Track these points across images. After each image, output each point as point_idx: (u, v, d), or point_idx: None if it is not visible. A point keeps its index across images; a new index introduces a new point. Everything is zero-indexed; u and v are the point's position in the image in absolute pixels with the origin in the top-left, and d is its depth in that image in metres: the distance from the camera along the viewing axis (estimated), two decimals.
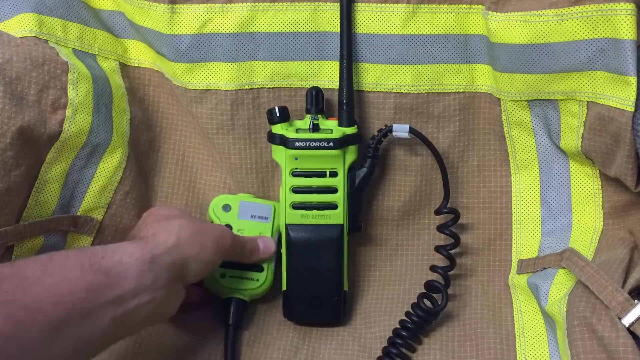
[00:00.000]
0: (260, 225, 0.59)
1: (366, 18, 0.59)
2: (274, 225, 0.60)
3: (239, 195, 0.61)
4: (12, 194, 0.52)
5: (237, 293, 0.58)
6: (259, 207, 0.60)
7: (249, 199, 0.61)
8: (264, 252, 0.58)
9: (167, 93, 0.66)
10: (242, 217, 0.60)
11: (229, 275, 0.58)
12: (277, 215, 0.60)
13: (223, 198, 0.61)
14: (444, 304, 0.56)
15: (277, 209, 0.60)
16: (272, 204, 0.61)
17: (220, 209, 0.60)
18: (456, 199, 0.62)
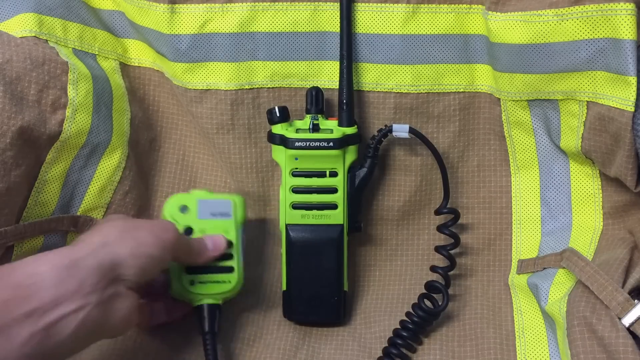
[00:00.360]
0: (223, 223, 0.56)
1: (366, 18, 0.59)
2: (237, 221, 0.56)
3: (194, 193, 0.57)
4: (12, 194, 0.52)
5: (209, 298, 0.55)
6: (218, 204, 0.56)
7: (205, 196, 0.57)
8: (213, 250, 0.54)
9: (167, 93, 0.66)
10: (202, 217, 0.56)
11: (199, 281, 0.54)
12: (237, 210, 0.57)
13: (178, 198, 0.56)
14: (445, 304, 0.56)
15: (236, 203, 0.57)
16: (230, 198, 0.57)
17: (177, 211, 0.56)
18: (456, 199, 0.62)
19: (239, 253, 0.56)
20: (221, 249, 0.54)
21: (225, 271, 0.55)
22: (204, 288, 0.54)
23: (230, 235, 0.55)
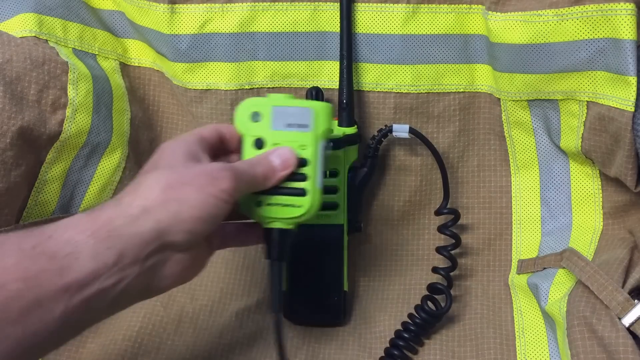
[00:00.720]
0: (299, 136, 0.47)
1: (366, 18, 0.59)
2: (317, 133, 0.47)
3: (271, 97, 0.48)
4: (12, 194, 0.52)
5: (278, 222, 0.47)
6: (297, 113, 0.47)
7: (282, 101, 0.48)
8: (282, 167, 0.45)
9: (167, 93, 0.66)
10: (276, 127, 0.47)
11: (266, 202, 0.46)
12: (318, 120, 0.47)
13: (251, 103, 0.47)
14: (448, 306, 0.56)
15: (318, 112, 0.47)
16: (310, 105, 0.48)
17: (249, 119, 0.47)
18: (456, 199, 0.62)
19: (315, 173, 0.47)
20: (291, 165, 0.46)
21: (296, 194, 0.47)
22: (271, 211, 0.47)
23: (307, 152, 0.47)
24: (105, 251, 0.36)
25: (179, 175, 0.40)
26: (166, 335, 0.58)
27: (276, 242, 0.47)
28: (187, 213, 0.39)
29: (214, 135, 0.46)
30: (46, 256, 0.35)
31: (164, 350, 0.57)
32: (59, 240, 0.36)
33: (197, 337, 0.58)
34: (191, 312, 0.59)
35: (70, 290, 0.35)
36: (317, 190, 0.47)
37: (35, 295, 0.34)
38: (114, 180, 0.61)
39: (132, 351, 0.56)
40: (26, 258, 0.35)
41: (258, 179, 0.44)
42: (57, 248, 0.36)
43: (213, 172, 0.41)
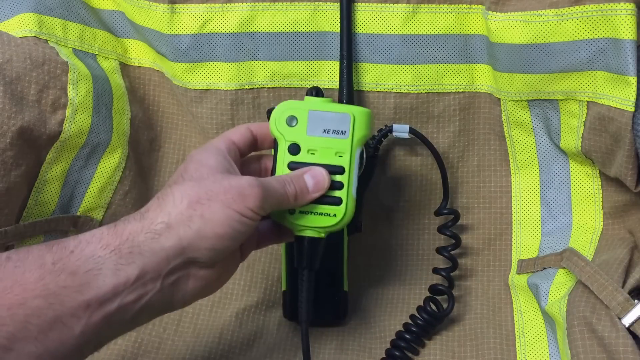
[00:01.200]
0: (336, 142, 0.45)
1: (366, 18, 0.59)
2: (354, 140, 0.46)
3: (308, 101, 0.47)
4: (12, 194, 0.52)
5: (310, 231, 0.46)
6: (334, 118, 0.46)
7: (320, 105, 0.46)
8: (314, 190, 0.45)
9: (167, 93, 0.66)
10: (311, 133, 0.45)
11: (299, 210, 0.45)
12: (356, 126, 0.46)
13: (287, 107, 0.46)
14: (451, 307, 0.56)
15: (356, 118, 0.46)
16: (348, 110, 0.46)
17: (284, 122, 0.45)
18: (456, 199, 0.62)
19: (352, 181, 0.46)
20: (323, 188, 0.45)
21: (331, 203, 0.46)
22: (304, 219, 0.46)
23: (343, 159, 0.46)
24: (126, 267, 0.36)
25: (205, 189, 0.39)
26: (166, 335, 0.58)
27: (307, 251, 0.46)
28: (210, 230, 0.38)
29: (246, 137, 0.46)
30: (67, 272, 0.35)
31: (164, 350, 0.57)
32: (80, 255, 0.36)
33: (197, 337, 0.58)
34: (191, 312, 0.60)
35: (91, 307, 0.35)
36: (352, 199, 0.46)
37: (56, 312, 0.34)
38: (114, 180, 0.61)
39: (132, 351, 0.56)
40: (47, 274, 0.34)
41: (288, 199, 0.43)
42: (79, 264, 0.35)
43: (241, 188, 0.40)
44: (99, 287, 0.35)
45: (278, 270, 0.62)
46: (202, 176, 0.41)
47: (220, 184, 0.40)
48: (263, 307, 0.61)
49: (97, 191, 0.59)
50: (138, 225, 0.38)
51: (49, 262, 0.35)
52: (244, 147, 0.46)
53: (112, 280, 0.36)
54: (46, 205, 0.56)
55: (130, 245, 0.37)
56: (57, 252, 0.35)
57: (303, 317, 0.47)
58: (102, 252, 0.36)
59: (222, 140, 0.45)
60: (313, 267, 0.47)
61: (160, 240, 0.37)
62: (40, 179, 0.55)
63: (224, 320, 0.59)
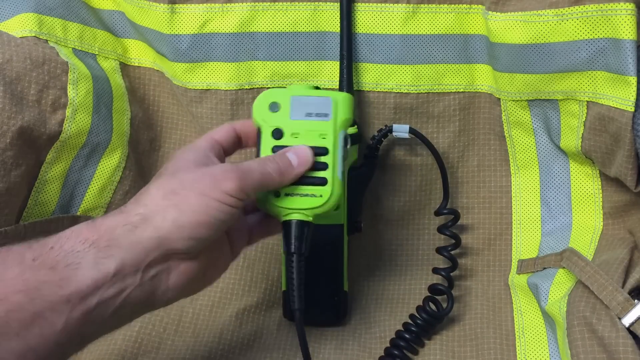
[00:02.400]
0: (319, 124, 0.46)
1: (366, 18, 0.59)
2: (337, 122, 0.46)
3: (290, 88, 0.47)
4: (12, 194, 0.52)
5: (297, 213, 0.45)
6: (316, 102, 0.46)
7: (301, 91, 0.47)
8: (299, 165, 0.44)
9: (167, 93, 0.66)
10: (295, 117, 0.46)
11: (285, 192, 0.45)
12: (338, 109, 0.46)
13: (269, 94, 0.46)
14: (450, 307, 0.56)
15: (337, 102, 0.46)
16: (329, 95, 0.47)
17: (267, 110, 0.46)
18: (456, 199, 0.62)
19: (336, 162, 0.46)
20: (308, 162, 0.44)
21: (316, 183, 0.45)
22: (290, 202, 0.45)
23: (327, 141, 0.46)
24: (105, 261, 0.36)
25: (179, 180, 0.39)
26: (166, 335, 0.58)
27: (295, 235, 0.45)
28: (187, 219, 0.38)
29: (229, 135, 0.46)
30: (47, 267, 0.35)
31: (164, 350, 0.57)
32: (59, 250, 0.36)
33: (197, 337, 0.58)
34: (191, 312, 0.59)
35: (72, 302, 0.35)
36: (338, 180, 0.46)
37: (36, 307, 0.34)
38: (114, 180, 0.61)
39: (132, 351, 0.56)
40: (27, 270, 0.34)
41: (272, 176, 0.42)
42: (59, 259, 0.35)
43: (215, 174, 0.40)
44: (79, 281, 0.35)
45: (278, 270, 0.62)
46: (177, 170, 0.41)
47: (194, 173, 0.40)
48: (263, 307, 0.61)
49: (97, 191, 0.59)
50: (116, 219, 0.38)
51: (29, 259, 0.35)
52: (228, 146, 0.46)
53: (91, 273, 0.36)
54: (46, 206, 0.56)
55: (108, 238, 0.37)
56: (36, 249, 0.36)
57: (295, 304, 0.46)
58: (81, 247, 0.36)
59: (204, 139, 0.45)
60: (302, 252, 0.46)
61: (136, 232, 0.37)
62: (40, 179, 0.55)
63: (224, 320, 0.59)
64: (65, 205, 0.58)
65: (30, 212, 0.55)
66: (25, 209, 0.54)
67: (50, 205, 0.56)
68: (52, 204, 0.56)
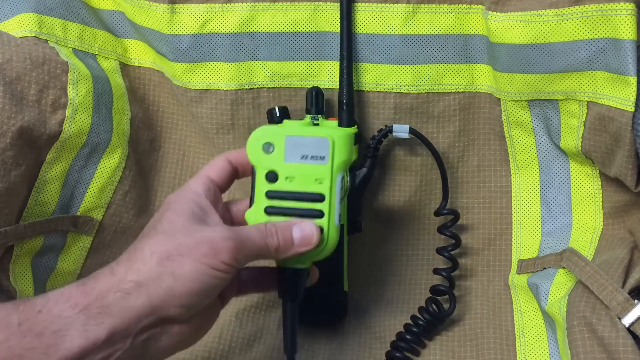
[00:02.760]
0: (315, 169, 0.43)
1: (366, 18, 0.58)
2: (334, 165, 0.43)
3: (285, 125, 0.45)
4: (12, 194, 0.52)
5: (293, 261, 0.44)
6: (312, 143, 0.43)
7: (297, 130, 0.44)
8: (300, 245, 0.42)
9: (167, 93, 0.66)
10: (289, 160, 0.43)
11: None
12: (335, 151, 0.44)
13: (262, 133, 0.44)
14: (452, 307, 0.56)
15: (335, 142, 0.44)
16: (326, 135, 0.44)
17: (260, 150, 0.43)
18: (456, 199, 0.62)
19: (333, 208, 0.44)
20: (310, 244, 0.42)
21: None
22: None
23: (323, 186, 0.43)
24: (95, 328, 0.35)
25: (175, 244, 0.38)
26: None
27: (290, 282, 0.45)
28: (182, 287, 0.37)
29: (224, 170, 0.45)
30: (33, 333, 0.34)
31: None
32: (47, 315, 0.35)
33: None
34: None
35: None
36: (334, 227, 0.44)
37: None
38: (114, 180, 0.61)
39: None
40: (12, 335, 0.33)
41: (268, 250, 0.41)
42: (46, 324, 0.34)
43: (213, 242, 0.38)
44: (66, 348, 0.34)
45: None
46: (174, 229, 0.39)
47: (192, 237, 0.39)
48: (263, 307, 0.61)
49: (97, 191, 0.59)
50: (108, 283, 0.37)
51: (15, 323, 0.34)
52: (223, 183, 0.45)
53: (79, 341, 0.34)
54: (46, 206, 0.56)
55: (99, 305, 0.36)
56: (24, 312, 0.34)
57: (288, 349, 0.46)
58: (70, 312, 0.35)
59: (199, 180, 0.43)
60: (296, 299, 0.45)
61: (129, 299, 0.36)
62: (40, 179, 0.55)
63: (224, 320, 0.59)
64: (65, 205, 0.58)
65: (30, 212, 0.55)
66: (25, 209, 0.54)
67: (50, 205, 0.56)
68: (52, 204, 0.56)
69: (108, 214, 0.61)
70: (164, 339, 0.39)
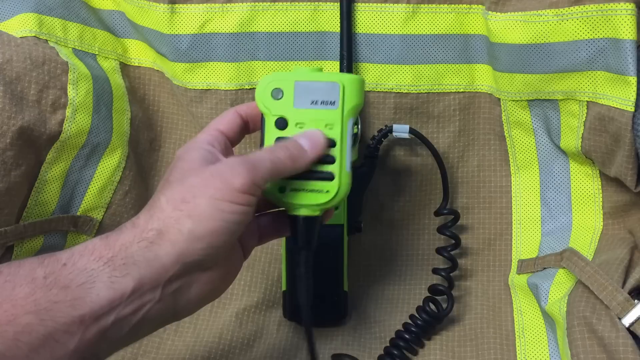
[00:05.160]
0: (325, 113, 0.43)
1: (366, 18, 0.59)
2: (345, 110, 0.43)
3: (294, 72, 0.44)
4: (12, 194, 0.52)
5: (304, 209, 0.43)
6: (322, 88, 0.43)
7: (306, 76, 0.43)
8: (312, 150, 0.41)
9: (167, 93, 0.66)
10: (299, 105, 0.43)
11: (290, 188, 0.43)
12: (346, 96, 0.43)
13: (272, 78, 0.43)
14: (450, 307, 0.56)
15: (345, 87, 0.43)
16: (336, 79, 0.43)
17: (269, 96, 0.43)
18: (456, 199, 0.62)
19: (344, 154, 0.43)
20: (320, 147, 0.41)
21: (323, 178, 0.43)
22: (296, 197, 0.43)
23: (334, 131, 0.43)
24: (122, 279, 0.34)
25: (188, 187, 0.37)
26: (166, 335, 0.58)
27: (303, 230, 0.43)
28: (202, 228, 0.36)
29: (234, 123, 0.44)
30: (59, 286, 0.33)
31: (164, 350, 0.57)
32: (72, 268, 0.34)
33: (197, 337, 0.58)
34: None
35: (85, 322, 0.33)
36: (346, 174, 0.43)
37: (47, 329, 0.32)
38: (114, 180, 0.61)
39: (132, 351, 0.56)
40: (38, 289, 0.33)
41: (283, 162, 0.40)
42: (72, 277, 0.34)
43: (224, 173, 0.37)
44: (93, 301, 0.34)
45: (278, 270, 0.62)
46: (184, 175, 0.38)
47: (202, 176, 0.38)
48: (263, 307, 0.61)
49: (97, 191, 0.59)
50: (130, 235, 0.36)
51: (40, 276, 0.33)
52: (233, 135, 0.44)
53: (106, 293, 0.34)
54: (46, 205, 0.56)
55: (123, 256, 0.35)
56: (48, 266, 0.34)
57: (304, 300, 0.44)
58: (95, 265, 0.34)
59: (207, 132, 0.43)
60: (310, 247, 0.44)
61: (153, 248, 0.36)
62: (40, 179, 0.55)
63: (224, 320, 0.59)
64: (65, 205, 0.58)
65: (30, 212, 0.55)
66: (25, 209, 0.54)
67: (50, 205, 0.56)
68: (52, 204, 0.56)
69: (108, 214, 0.60)
70: (194, 289, 0.38)
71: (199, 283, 0.38)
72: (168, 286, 0.37)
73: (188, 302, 0.39)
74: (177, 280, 0.37)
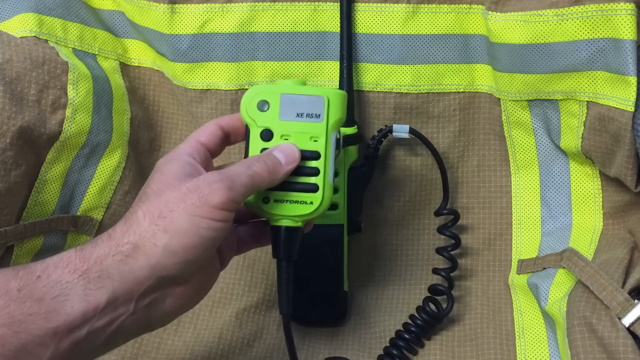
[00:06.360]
0: (310, 126, 0.43)
1: (366, 18, 0.59)
2: (329, 123, 0.44)
3: (280, 83, 0.45)
4: (12, 194, 0.52)
5: (287, 220, 0.44)
6: (307, 102, 0.44)
7: (292, 89, 0.44)
8: (287, 162, 0.42)
9: (167, 93, 0.66)
10: (285, 118, 0.43)
11: (273, 199, 0.43)
12: (330, 109, 0.44)
13: (257, 91, 0.44)
14: (450, 307, 0.56)
15: (330, 101, 0.44)
16: (322, 93, 0.44)
17: (255, 108, 0.43)
18: (456, 199, 0.62)
19: (328, 166, 0.44)
20: (295, 159, 0.42)
21: (307, 190, 0.43)
22: (279, 208, 0.43)
23: (318, 144, 0.44)
24: (96, 292, 0.35)
25: (165, 201, 0.37)
26: (166, 335, 0.58)
27: (284, 241, 0.44)
28: (177, 244, 0.36)
29: (214, 135, 0.44)
30: (33, 299, 0.33)
31: (164, 350, 0.57)
32: (47, 281, 0.34)
33: (197, 337, 0.58)
34: (191, 312, 0.60)
35: (59, 335, 0.33)
36: (329, 186, 0.44)
37: (21, 341, 0.32)
38: (114, 180, 0.61)
39: (132, 351, 0.56)
40: (12, 301, 0.33)
41: (260, 176, 0.40)
42: (45, 290, 0.34)
43: (201, 189, 0.37)
44: (67, 313, 0.34)
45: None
46: (161, 188, 0.39)
47: (179, 191, 0.38)
48: (263, 307, 0.61)
49: (97, 191, 0.59)
50: (106, 247, 0.36)
51: (14, 289, 0.33)
52: (214, 147, 0.44)
53: (80, 306, 0.34)
54: (46, 205, 0.56)
55: (98, 269, 0.35)
56: (23, 278, 0.34)
57: (283, 309, 0.45)
58: (70, 277, 0.35)
59: (188, 143, 0.43)
60: (291, 258, 0.45)
61: (128, 262, 0.36)
62: (40, 179, 0.55)
63: (224, 320, 0.59)
64: (65, 205, 0.58)
65: (30, 212, 0.55)
66: (25, 209, 0.54)
67: (50, 205, 0.56)
68: (52, 204, 0.56)
69: (108, 214, 0.61)
70: (167, 302, 0.39)
71: (173, 296, 0.39)
72: (142, 299, 0.37)
73: (162, 314, 0.39)
74: (151, 294, 0.37)
